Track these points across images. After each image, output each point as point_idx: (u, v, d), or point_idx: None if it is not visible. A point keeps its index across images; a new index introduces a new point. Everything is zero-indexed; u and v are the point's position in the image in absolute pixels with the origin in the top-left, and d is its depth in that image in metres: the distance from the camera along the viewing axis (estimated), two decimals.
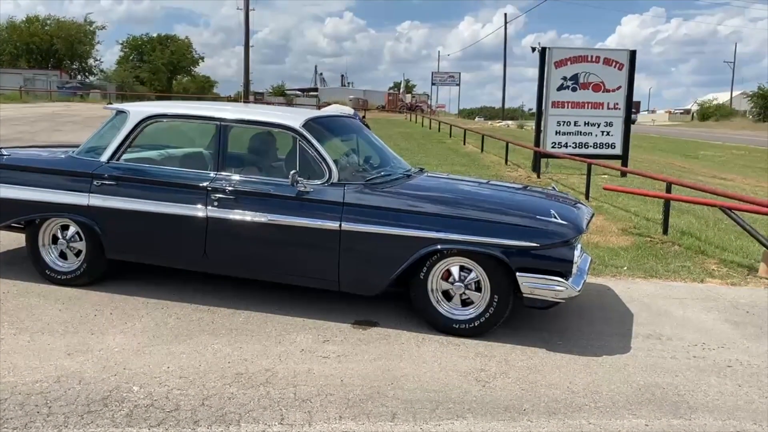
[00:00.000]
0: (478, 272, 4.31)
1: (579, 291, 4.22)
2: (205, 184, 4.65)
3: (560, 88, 14.64)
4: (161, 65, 65.99)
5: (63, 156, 5.25)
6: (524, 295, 4.20)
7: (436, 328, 4.38)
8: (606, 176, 13.77)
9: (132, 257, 4.97)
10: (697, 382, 3.80)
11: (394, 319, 4.56)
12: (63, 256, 5.05)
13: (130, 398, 3.29)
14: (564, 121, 14.74)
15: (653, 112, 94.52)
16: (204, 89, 70.13)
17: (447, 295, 4.42)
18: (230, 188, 4.60)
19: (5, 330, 4.09)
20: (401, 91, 67.45)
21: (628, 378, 3.82)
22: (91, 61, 66.00)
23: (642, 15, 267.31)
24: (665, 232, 7.94)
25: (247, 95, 45.99)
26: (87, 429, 2.99)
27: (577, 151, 14.45)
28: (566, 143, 14.70)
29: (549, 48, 14.71)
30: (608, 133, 14.88)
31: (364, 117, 16.62)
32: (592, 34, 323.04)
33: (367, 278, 4.46)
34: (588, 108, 14.78)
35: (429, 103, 64.61)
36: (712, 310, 5.18)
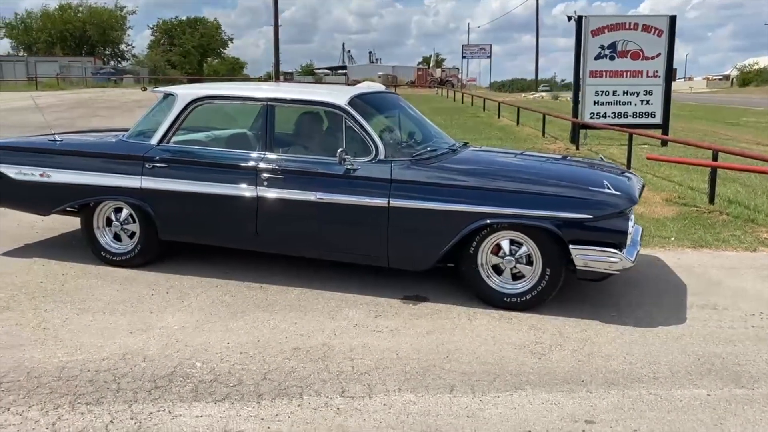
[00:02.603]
0: (528, 245, 4.28)
1: (633, 262, 4.17)
2: (253, 164, 4.69)
3: (598, 57, 14.35)
4: (191, 48, 66.55)
5: (114, 140, 5.35)
6: (577, 267, 4.17)
7: (487, 303, 4.38)
8: (646, 146, 13.51)
9: (184, 238, 5.07)
10: (757, 352, 3.74)
11: (443, 294, 4.58)
12: (117, 237, 5.16)
13: (194, 374, 3.38)
14: (602, 91, 14.46)
15: (690, 79, 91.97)
16: (234, 70, 70.48)
17: (497, 270, 4.40)
18: (279, 167, 4.64)
19: (68, 310, 4.22)
20: (431, 65, 66.83)
21: (685, 348, 3.78)
22: (123, 47, 66.99)
23: None
24: (711, 201, 7.78)
25: (277, 75, 46.10)
26: (156, 404, 3.08)
27: (616, 121, 14.18)
28: (605, 113, 14.44)
29: (585, 16, 14.39)
30: (648, 102, 14.56)
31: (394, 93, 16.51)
32: (624, 1, 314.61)
33: (417, 254, 4.47)
34: (626, 77, 14.46)
35: (459, 77, 63.90)
36: (767, 278, 5.08)
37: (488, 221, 4.24)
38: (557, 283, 4.27)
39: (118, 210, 5.12)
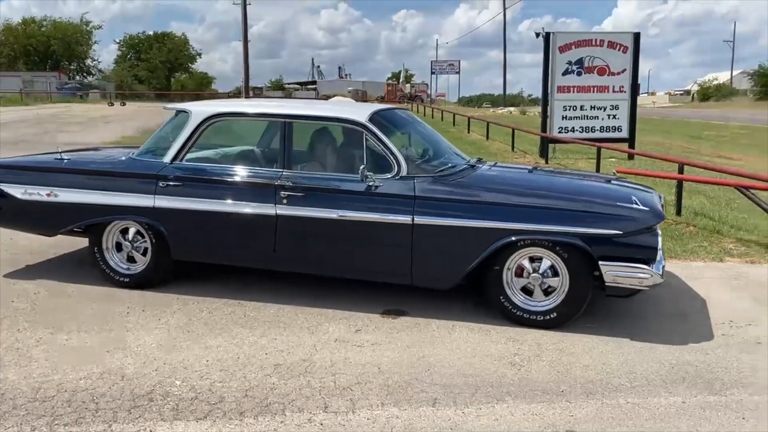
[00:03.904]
0: (555, 262, 4.23)
1: (662, 278, 4.14)
2: (272, 181, 4.60)
3: (565, 72, 14.64)
4: (159, 63, 66.01)
5: (124, 158, 5.20)
6: (606, 284, 4.12)
7: (512, 321, 4.31)
8: (614, 159, 13.79)
9: (199, 258, 4.96)
10: (728, 360, 3.85)
11: (422, 308, 4.61)
12: (128, 258, 5.03)
13: (174, 392, 3.35)
14: (570, 106, 14.74)
15: (653, 94, 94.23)
16: (202, 85, 70.08)
17: (522, 287, 4.34)
18: (298, 185, 4.55)
19: (42, 331, 4.14)
20: (400, 81, 67.31)
21: (660, 357, 3.87)
22: (88, 61, 66.06)
23: None
24: (678, 213, 7.97)
25: (247, 90, 45.91)
26: (136, 423, 3.04)
27: (584, 135, 14.47)
28: (573, 128, 14.72)
29: (553, 33, 14.70)
30: (614, 117, 14.88)
31: None
32: (588, 18, 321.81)
33: (441, 272, 4.41)
34: (594, 92, 14.77)
35: (428, 92, 64.49)
36: (735, 288, 5.23)
37: (515, 238, 4.19)
38: (585, 300, 4.23)
39: (127, 230, 5.00)
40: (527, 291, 4.33)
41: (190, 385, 3.43)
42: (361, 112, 4.73)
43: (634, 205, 4.24)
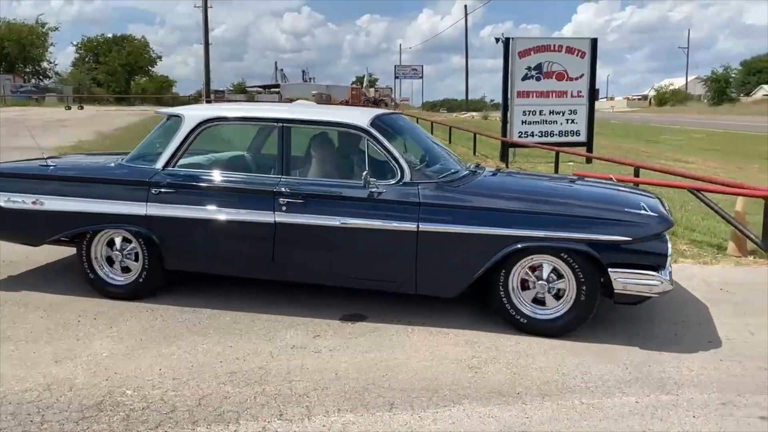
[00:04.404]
0: (562, 269, 4.17)
1: (672, 285, 4.12)
2: (271, 188, 4.47)
3: (525, 77, 14.84)
4: (118, 66, 64.70)
5: (113, 164, 5.01)
6: (616, 291, 4.07)
7: (519, 329, 4.26)
8: (572, 163, 14.00)
9: (193, 267, 4.82)
10: (680, 359, 3.92)
11: (382, 312, 4.59)
12: (119, 268, 4.85)
13: (125, 402, 3.26)
14: (529, 111, 14.95)
15: (612, 99, 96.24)
16: (163, 89, 68.95)
17: (528, 294, 4.28)
18: (299, 192, 4.43)
19: None
20: (365, 85, 67.30)
21: (614, 358, 3.92)
22: (45, 64, 64.41)
23: (598, 3, 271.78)
24: None
25: (208, 93, 45.41)
26: None
27: (544, 139, 14.69)
28: (532, 132, 14.93)
29: (513, 38, 14.88)
30: (573, 121, 15.14)
31: None
32: (548, 24, 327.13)
33: (447, 280, 4.33)
34: (552, 97, 15.02)
35: (392, 96, 64.65)
36: (688, 288, 5.34)
37: (522, 244, 4.11)
38: (593, 307, 4.17)
39: (117, 239, 4.83)
40: (536, 300, 4.27)
41: (142, 394, 3.34)
42: (362, 117, 4.63)
43: (643, 211, 4.19)
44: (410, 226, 4.25)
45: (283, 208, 4.42)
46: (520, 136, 14.79)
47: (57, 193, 4.80)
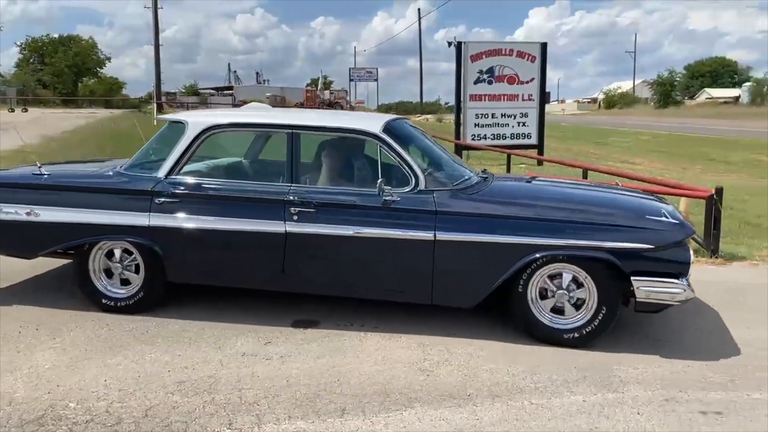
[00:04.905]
0: (583, 277, 4.11)
1: (693, 292, 4.07)
2: (281, 197, 4.33)
3: (477, 81, 15.04)
4: (65, 67, 62.97)
5: (111, 173, 4.78)
6: (638, 299, 4.03)
7: (538, 339, 4.19)
8: (523, 165, 14.26)
9: (197, 280, 4.64)
10: (624, 358, 4.01)
11: (335, 317, 4.57)
12: (118, 281, 4.67)
13: (68, 416, 3.16)
14: (482, 114, 15.15)
15: (563, 102, 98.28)
16: (112, 91, 67.37)
17: (547, 304, 4.21)
18: (310, 200, 4.29)
19: None
20: (319, 87, 67.01)
21: (563, 358, 3.99)
22: None
23: (548, 8, 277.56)
24: None
25: (159, 95, 44.58)
26: None
27: (496, 142, 14.91)
28: (485, 135, 15.14)
29: (465, 42, 15.07)
30: (524, 124, 15.41)
31: None
32: (501, 28, 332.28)
33: (464, 290, 4.24)
34: (504, 100, 15.25)
35: (348, 99, 64.59)
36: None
37: (542, 253, 4.04)
38: (614, 316, 4.12)
39: (115, 251, 4.64)
40: (555, 309, 4.20)
41: (86, 407, 3.25)
42: (374, 123, 4.53)
43: (663, 218, 4.16)
44: (427, 235, 4.15)
45: (294, 218, 4.29)
46: (473, 139, 14.98)
47: (53, 204, 4.57)
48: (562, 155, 16.41)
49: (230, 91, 68.83)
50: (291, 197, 4.33)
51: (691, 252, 4.16)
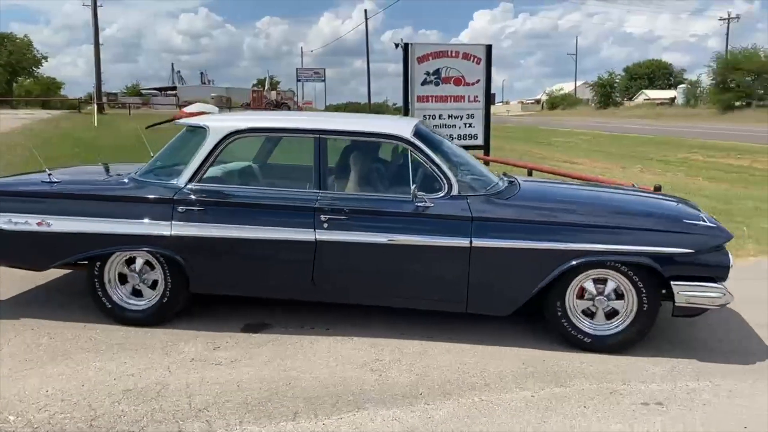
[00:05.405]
0: (621, 282, 4.07)
1: (732, 296, 4.01)
2: (310, 204, 4.20)
3: (424, 83, 15.07)
4: None
5: (126, 180, 4.56)
6: (677, 304, 3.98)
7: (576, 346, 4.14)
8: None
9: (222, 290, 4.48)
10: (571, 353, 4.12)
11: (286, 320, 4.53)
12: (134, 292, 4.48)
13: (7, 429, 3.04)
14: (429, 115, 15.16)
15: (507, 103, 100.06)
16: (50, 91, 65.04)
17: (586, 310, 4.17)
18: (342, 207, 4.17)
19: None
20: (266, 87, 66.29)
21: (511, 354, 4.07)
22: None
23: (492, 10, 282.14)
24: None
25: (99, 95, 43.30)
26: None
27: None
28: None
29: (411, 44, 15.09)
30: (470, 125, 15.51)
31: None
32: (446, 30, 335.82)
33: (501, 297, 4.17)
34: (450, 102, 15.33)
35: (295, 99, 64.12)
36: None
37: (584, 258, 3.99)
38: (653, 320, 4.10)
39: (132, 260, 4.45)
40: (588, 314, 4.17)
41: (26, 419, 3.14)
42: (404, 127, 4.43)
43: (701, 222, 4.14)
44: (462, 241, 4.06)
45: (325, 225, 4.16)
46: None
47: (66, 213, 4.34)
48: (506, 155, 16.69)
49: (174, 92, 67.48)
50: (320, 204, 4.22)
51: (731, 255, 4.12)
